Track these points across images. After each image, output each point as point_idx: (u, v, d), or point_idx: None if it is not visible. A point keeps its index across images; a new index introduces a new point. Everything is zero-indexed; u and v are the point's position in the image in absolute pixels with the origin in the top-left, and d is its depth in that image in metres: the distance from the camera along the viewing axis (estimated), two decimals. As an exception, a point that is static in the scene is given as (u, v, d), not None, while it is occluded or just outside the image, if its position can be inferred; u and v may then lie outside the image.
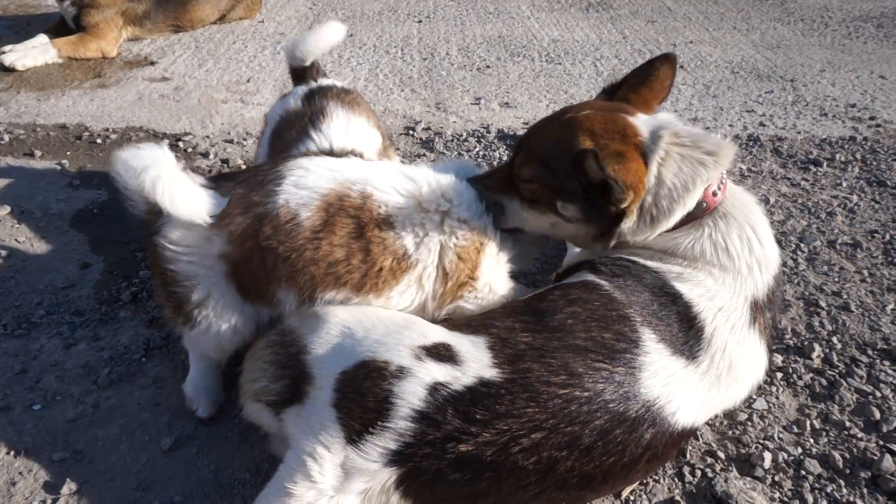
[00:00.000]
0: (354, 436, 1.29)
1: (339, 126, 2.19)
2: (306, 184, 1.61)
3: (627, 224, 1.62)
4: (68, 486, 1.57)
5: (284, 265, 1.55)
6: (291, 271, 1.56)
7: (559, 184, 1.65)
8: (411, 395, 1.31)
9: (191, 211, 1.53)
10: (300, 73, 2.48)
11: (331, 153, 2.02)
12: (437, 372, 1.34)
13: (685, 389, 1.45)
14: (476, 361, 1.37)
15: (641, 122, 1.66)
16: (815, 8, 5.75)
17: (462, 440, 1.27)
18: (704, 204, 1.62)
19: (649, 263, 1.63)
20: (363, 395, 1.32)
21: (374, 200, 1.62)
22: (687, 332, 1.50)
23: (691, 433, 1.55)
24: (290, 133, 2.18)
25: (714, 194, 1.63)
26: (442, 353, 1.39)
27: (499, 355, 1.39)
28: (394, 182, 1.68)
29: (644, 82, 1.78)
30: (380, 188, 1.65)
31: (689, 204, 1.59)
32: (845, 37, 5.04)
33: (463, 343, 1.43)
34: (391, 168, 1.78)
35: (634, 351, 1.43)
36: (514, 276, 1.82)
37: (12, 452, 1.66)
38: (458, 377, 1.34)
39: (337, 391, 1.35)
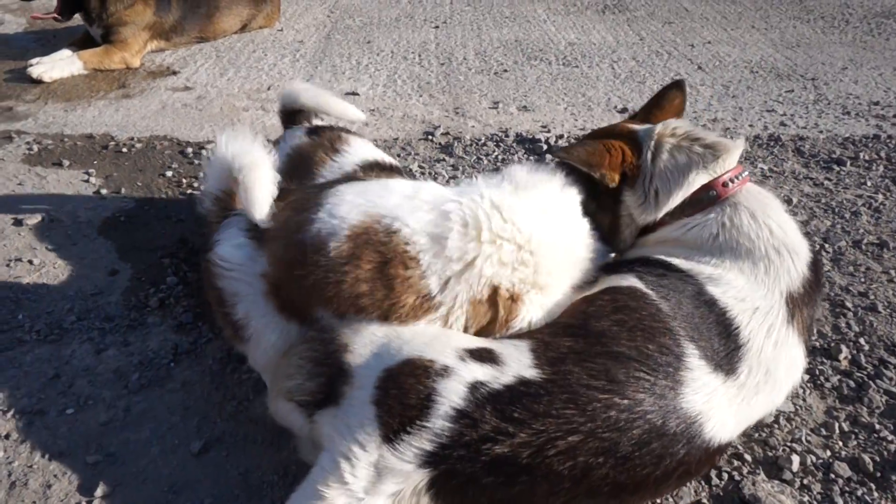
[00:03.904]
0: (391, 434, 1.29)
1: (361, 143, 2.33)
2: (338, 213, 1.58)
3: (631, 199, 1.80)
4: (102, 489, 1.61)
5: (315, 291, 1.55)
6: (322, 298, 1.55)
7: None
8: (452, 394, 1.31)
9: (260, 207, 1.62)
10: (291, 115, 2.60)
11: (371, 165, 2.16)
12: (478, 371, 1.36)
13: (724, 405, 1.44)
14: (517, 362, 1.38)
15: (643, 125, 1.89)
16: (836, 5, 5.68)
17: (498, 441, 1.27)
18: (714, 192, 1.72)
19: (682, 265, 1.64)
20: (406, 391, 1.33)
21: (400, 236, 1.54)
22: (726, 344, 1.49)
23: (726, 448, 1.54)
24: (311, 160, 2.26)
25: (725, 185, 1.72)
26: (484, 356, 1.40)
27: (540, 357, 1.40)
28: (425, 218, 1.58)
29: (657, 106, 2.01)
30: (409, 225, 1.55)
31: (685, 187, 1.73)
32: (867, 34, 4.98)
33: (506, 347, 1.44)
34: (430, 196, 1.65)
35: (677, 365, 1.42)
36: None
37: (47, 455, 1.70)
38: (497, 376, 1.35)
39: (379, 388, 1.35)
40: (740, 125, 3.52)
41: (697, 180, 1.73)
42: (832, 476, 1.63)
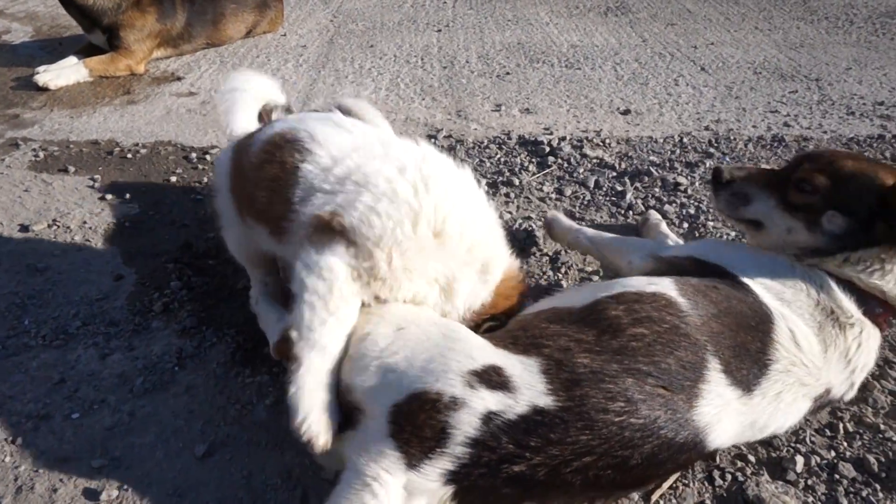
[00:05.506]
0: (414, 461, 1.33)
1: None
2: (274, 125, 1.86)
3: (848, 226, 1.66)
4: (107, 493, 1.62)
5: (241, 196, 1.86)
6: (246, 205, 1.85)
7: (843, 201, 1.68)
8: (466, 425, 1.32)
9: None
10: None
11: None
12: (490, 401, 1.34)
13: (730, 418, 1.46)
14: (529, 388, 1.36)
15: None
16: (840, 5, 5.67)
17: (515, 462, 1.31)
18: (879, 310, 1.66)
19: (764, 293, 1.62)
20: (419, 426, 1.34)
21: (295, 146, 1.71)
22: (753, 364, 1.50)
23: (717, 450, 1.60)
24: None
25: (892, 317, 1.70)
26: (494, 380, 1.37)
27: (554, 380, 1.37)
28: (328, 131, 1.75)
29: None
30: (310, 132, 1.73)
31: (881, 282, 1.65)
32: (871, 34, 4.96)
33: (514, 366, 1.41)
34: (351, 126, 1.81)
35: (694, 378, 1.43)
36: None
37: (53, 460, 1.72)
38: (511, 405, 1.34)
39: (392, 423, 1.36)
40: (744, 126, 3.52)
41: (889, 289, 1.67)
42: (837, 477, 1.63)
